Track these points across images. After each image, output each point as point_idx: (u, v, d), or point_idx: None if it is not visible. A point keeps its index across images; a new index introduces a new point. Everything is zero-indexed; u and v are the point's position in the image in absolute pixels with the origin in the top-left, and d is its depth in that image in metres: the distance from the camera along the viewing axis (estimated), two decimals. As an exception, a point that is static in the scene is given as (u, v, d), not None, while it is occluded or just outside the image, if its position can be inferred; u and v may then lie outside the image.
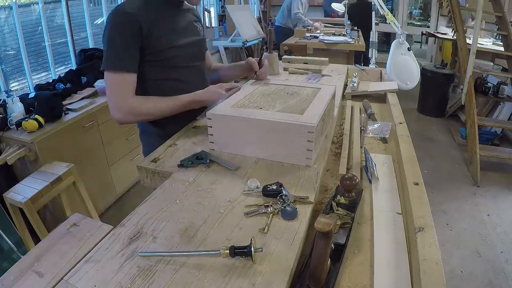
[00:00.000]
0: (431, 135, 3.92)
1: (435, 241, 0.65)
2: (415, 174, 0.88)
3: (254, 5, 7.04)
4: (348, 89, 1.67)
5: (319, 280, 0.60)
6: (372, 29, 2.25)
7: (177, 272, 0.61)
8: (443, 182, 2.99)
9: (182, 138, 1.14)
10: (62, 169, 1.89)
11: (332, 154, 1.13)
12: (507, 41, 3.47)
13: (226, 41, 4.98)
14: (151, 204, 0.79)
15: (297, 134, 0.90)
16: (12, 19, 2.40)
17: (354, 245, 0.74)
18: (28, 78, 2.54)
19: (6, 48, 2.42)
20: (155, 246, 0.67)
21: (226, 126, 0.99)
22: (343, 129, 1.29)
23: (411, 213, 0.74)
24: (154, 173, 0.96)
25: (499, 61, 3.85)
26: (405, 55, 1.83)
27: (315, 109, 0.99)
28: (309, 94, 1.16)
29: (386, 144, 1.21)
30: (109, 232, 0.72)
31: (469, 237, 2.34)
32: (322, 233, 0.54)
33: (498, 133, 3.69)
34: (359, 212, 0.83)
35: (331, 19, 6.40)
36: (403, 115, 1.34)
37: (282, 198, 0.77)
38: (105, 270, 0.61)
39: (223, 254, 0.62)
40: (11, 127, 1.98)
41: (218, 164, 0.96)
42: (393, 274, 0.64)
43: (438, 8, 5.98)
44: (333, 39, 3.95)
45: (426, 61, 5.94)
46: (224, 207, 0.77)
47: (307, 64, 2.04)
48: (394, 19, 1.92)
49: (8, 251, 1.72)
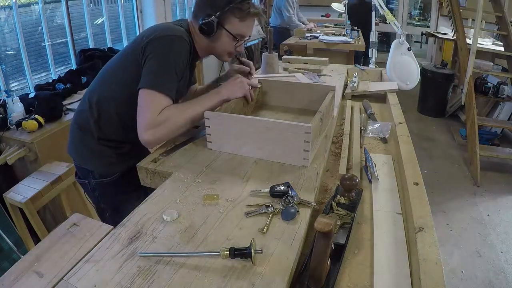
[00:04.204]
0: (431, 135, 3.92)
1: (435, 241, 0.65)
2: (415, 174, 0.88)
3: (254, 5, 7.04)
4: (348, 89, 1.67)
5: (319, 280, 0.60)
6: (372, 29, 2.24)
7: (177, 272, 0.61)
8: (443, 182, 2.99)
9: (182, 138, 1.14)
10: (62, 169, 1.88)
11: (332, 154, 1.13)
12: (507, 41, 3.47)
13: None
14: (151, 204, 0.79)
15: (293, 134, 0.90)
16: (12, 19, 2.40)
17: (354, 245, 0.74)
18: (28, 78, 2.54)
19: (6, 48, 2.42)
20: (155, 246, 0.67)
21: (224, 126, 0.99)
22: (343, 129, 1.29)
23: (411, 213, 0.74)
24: (154, 173, 0.96)
25: (499, 61, 3.85)
26: (405, 55, 1.83)
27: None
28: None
29: (386, 144, 1.21)
30: (109, 232, 0.72)
31: (469, 237, 2.33)
32: (322, 233, 0.54)
33: (498, 133, 3.69)
34: (359, 212, 0.83)
35: (331, 19, 6.40)
36: (403, 115, 1.34)
37: (287, 199, 0.77)
38: (105, 270, 0.61)
39: (223, 255, 0.62)
40: (11, 127, 1.98)
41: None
42: (393, 274, 0.65)
43: (438, 8, 5.98)
44: (333, 39, 3.95)
45: (426, 61, 5.93)
46: (224, 207, 0.77)
47: (307, 64, 2.04)
48: (394, 19, 1.92)
49: (8, 251, 1.72)
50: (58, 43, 2.81)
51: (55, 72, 2.75)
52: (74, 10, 2.90)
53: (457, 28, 3.72)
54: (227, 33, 1.11)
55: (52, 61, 2.73)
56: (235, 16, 1.09)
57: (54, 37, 2.75)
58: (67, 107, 2.22)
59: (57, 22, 2.79)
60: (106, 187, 1.17)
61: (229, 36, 1.11)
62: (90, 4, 3.09)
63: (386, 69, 1.83)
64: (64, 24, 2.81)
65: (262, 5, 7.29)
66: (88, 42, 3.11)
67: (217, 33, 1.09)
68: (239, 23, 1.10)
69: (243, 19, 1.10)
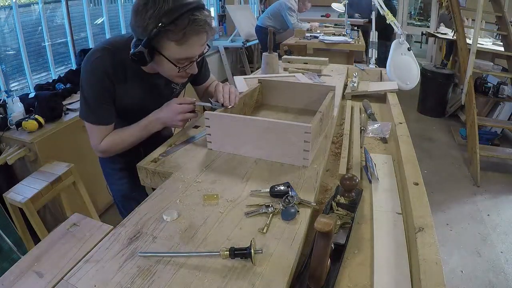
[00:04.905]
0: (431, 135, 3.92)
1: (435, 241, 0.65)
2: (415, 174, 0.88)
3: (254, 5, 7.04)
4: (348, 89, 1.67)
5: (319, 280, 0.60)
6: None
7: (177, 272, 0.61)
8: (443, 182, 2.99)
9: (182, 138, 1.14)
10: (62, 169, 1.88)
11: (332, 154, 1.13)
12: (507, 41, 3.47)
13: (226, 41, 4.98)
14: (151, 204, 0.79)
15: (293, 134, 0.90)
16: (12, 19, 2.40)
17: (354, 245, 0.74)
18: (28, 78, 2.54)
19: (6, 48, 2.42)
20: (155, 246, 0.67)
21: (224, 126, 0.99)
22: (343, 129, 1.29)
23: (411, 213, 0.74)
24: (154, 173, 0.96)
25: (499, 61, 3.84)
26: (405, 55, 1.83)
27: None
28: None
29: (386, 144, 1.21)
30: (109, 232, 0.72)
31: (469, 237, 2.33)
32: (322, 233, 0.54)
33: (498, 133, 3.68)
34: (359, 212, 0.83)
35: (331, 19, 6.40)
36: (403, 115, 1.34)
37: (288, 199, 0.77)
38: (105, 270, 0.61)
39: (223, 255, 0.62)
40: (11, 127, 1.98)
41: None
42: (393, 274, 0.64)
43: (438, 8, 5.98)
44: (333, 39, 3.95)
45: (426, 61, 5.93)
46: (224, 207, 0.77)
47: (307, 64, 2.04)
48: (394, 19, 1.92)
49: (8, 251, 1.72)
50: (58, 43, 2.81)
51: (55, 72, 2.75)
52: (74, 10, 2.90)
53: (457, 28, 3.72)
54: (166, 59, 0.94)
55: (52, 61, 2.73)
56: (169, 39, 0.90)
57: (54, 37, 2.75)
58: (67, 107, 2.22)
59: (57, 22, 2.79)
60: (101, 157, 1.29)
61: (169, 62, 0.95)
62: (90, 4, 3.09)
63: (386, 69, 1.83)
64: (64, 24, 2.81)
65: (262, 5, 7.30)
66: (88, 42, 3.11)
67: (155, 59, 0.94)
68: (176, 47, 0.91)
69: (180, 42, 0.90)
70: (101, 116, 1.04)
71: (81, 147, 2.18)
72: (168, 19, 0.86)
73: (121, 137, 1.09)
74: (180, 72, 1.00)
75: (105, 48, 0.99)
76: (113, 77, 1.00)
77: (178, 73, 0.99)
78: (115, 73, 1.00)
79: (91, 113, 1.04)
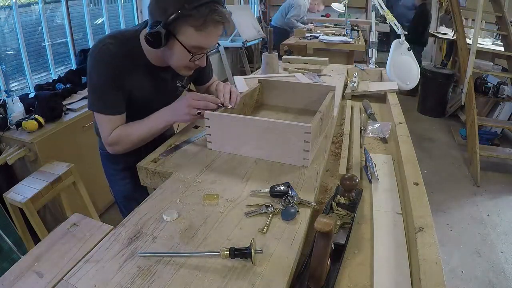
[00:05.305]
0: (431, 135, 3.92)
1: (435, 241, 0.65)
2: (415, 174, 0.88)
3: (254, 5, 7.04)
4: (348, 89, 1.67)
5: (319, 280, 0.60)
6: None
7: (177, 272, 0.61)
8: (443, 182, 2.99)
9: (182, 138, 1.14)
10: (62, 169, 1.88)
11: (332, 154, 1.13)
12: (507, 41, 3.47)
13: (226, 41, 4.98)
14: (151, 204, 0.79)
15: (294, 134, 0.90)
16: (12, 19, 2.40)
17: (354, 245, 0.74)
18: (28, 78, 2.54)
19: (6, 48, 2.42)
20: (155, 246, 0.67)
21: (224, 126, 0.99)
22: (343, 129, 1.29)
23: (411, 213, 0.74)
24: (154, 173, 0.96)
25: (499, 61, 3.85)
26: (405, 55, 1.83)
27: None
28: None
29: (386, 144, 1.21)
30: (109, 232, 0.72)
31: (469, 237, 2.34)
32: (322, 233, 0.54)
33: (498, 133, 3.69)
34: (359, 212, 0.83)
35: (331, 19, 6.40)
36: (403, 115, 1.34)
37: (288, 199, 0.77)
38: (105, 270, 0.61)
39: (223, 255, 0.62)
40: (11, 127, 1.98)
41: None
42: (393, 274, 0.64)
43: (438, 8, 5.98)
44: (333, 39, 3.95)
45: (426, 61, 5.93)
46: (224, 207, 0.77)
47: (307, 64, 2.04)
48: (394, 19, 1.92)
49: (8, 251, 1.72)
50: (58, 43, 2.80)
51: (55, 72, 2.75)
52: (74, 10, 2.90)
53: (457, 28, 3.72)
54: (181, 45, 0.94)
55: (52, 61, 2.73)
56: (189, 24, 0.90)
57: (54, 37, 2.74)
58: (67, 107, 2.21)
59: (57, 22, 2.79)
60: (103, 158, 1.33)
61: (182, 48, 0.94)
62: (90, 4, 3.09)
63: (386, 69, 1.83)
64: (64, 24, 2.81)
65: (262, 5, 7.30)
66: (88, 42, 3.10)
67: (169, 43, 0.94)
68: (195, 33, 0.92)
69: (199, 28, 0.91)
70: (109, 103, 1.02)
71: (81, 147, 2.18)
72: (191, 5, 0.88)
73: (132, 128, 1.07)
74: (189, 63, 0.99)
75: (113, 36, 1.00)
76: (121, 65, 0.99)
77: (188, 62, 0.99)
78: (123, 61, 0.99)
79: (99, 100, 1.01)
